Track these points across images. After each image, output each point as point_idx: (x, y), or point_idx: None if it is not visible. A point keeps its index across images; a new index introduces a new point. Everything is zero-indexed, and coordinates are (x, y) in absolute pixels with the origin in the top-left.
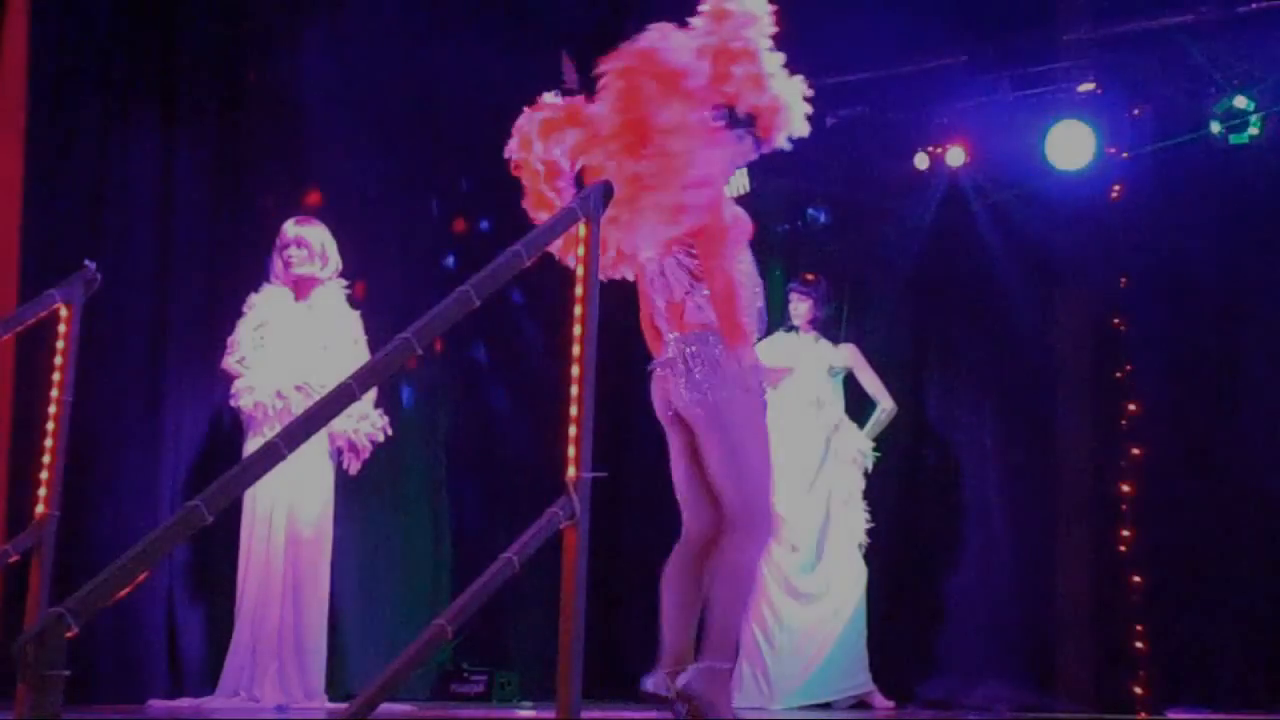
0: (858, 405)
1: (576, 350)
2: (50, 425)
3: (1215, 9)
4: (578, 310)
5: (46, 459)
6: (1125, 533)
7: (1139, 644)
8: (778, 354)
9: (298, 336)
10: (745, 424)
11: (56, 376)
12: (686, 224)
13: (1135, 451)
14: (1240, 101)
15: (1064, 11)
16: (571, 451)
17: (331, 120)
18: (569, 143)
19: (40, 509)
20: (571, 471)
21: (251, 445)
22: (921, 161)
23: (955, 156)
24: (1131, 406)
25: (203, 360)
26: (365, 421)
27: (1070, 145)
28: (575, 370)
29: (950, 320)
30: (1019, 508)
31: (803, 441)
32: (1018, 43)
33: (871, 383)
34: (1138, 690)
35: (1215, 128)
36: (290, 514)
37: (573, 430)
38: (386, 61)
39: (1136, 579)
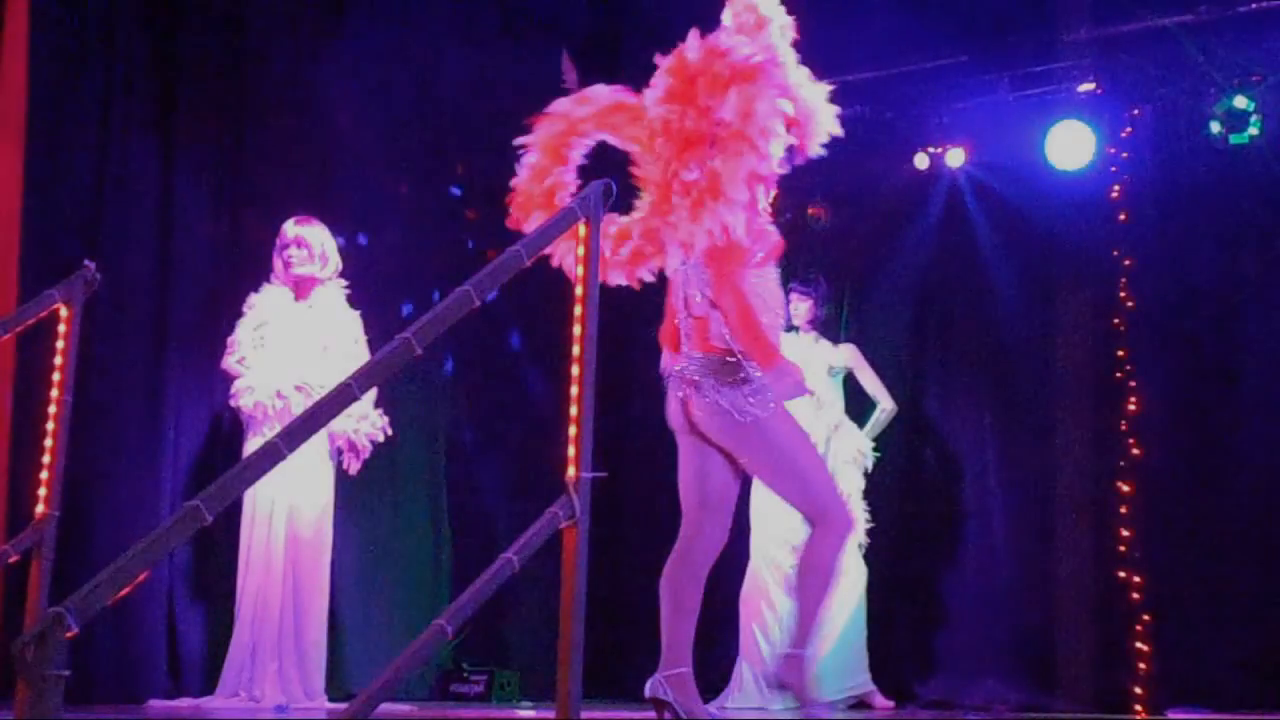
0: (858, 405)
1: (576, 350)
2: (50, 425)
3: (1215, 9)
4: (578, 310)
5: (46, 459)
6: (1125, 533)
7: (1139, 644)
8: None
9: (298, 336)
10: (780, 431)
11: (56, 376)
12: (741, 220)
13: (1135, 451)
14: (1240, 101)
15: (1064, 11)
16: (571, 451)
17: (332, 120)
18: (631, 136)
19: (40, 509)
20: (571, 471)
21: (251, 445)
22: (921, 161)
23: (955, 156)
24: (1131, 406)
25: (203, 360)
26: (365, 421)
27: (1070, 145)
28: (575, 370)
29: (950, 320)
30: (1019, 508)
31: None
32: (1018, 43)
33: (871, 383)
34: (1138, 690)
35: (1215, 128)
36: (290, 514)
37: (573, 430)
38: (387, 61)
39: (1136, 579)
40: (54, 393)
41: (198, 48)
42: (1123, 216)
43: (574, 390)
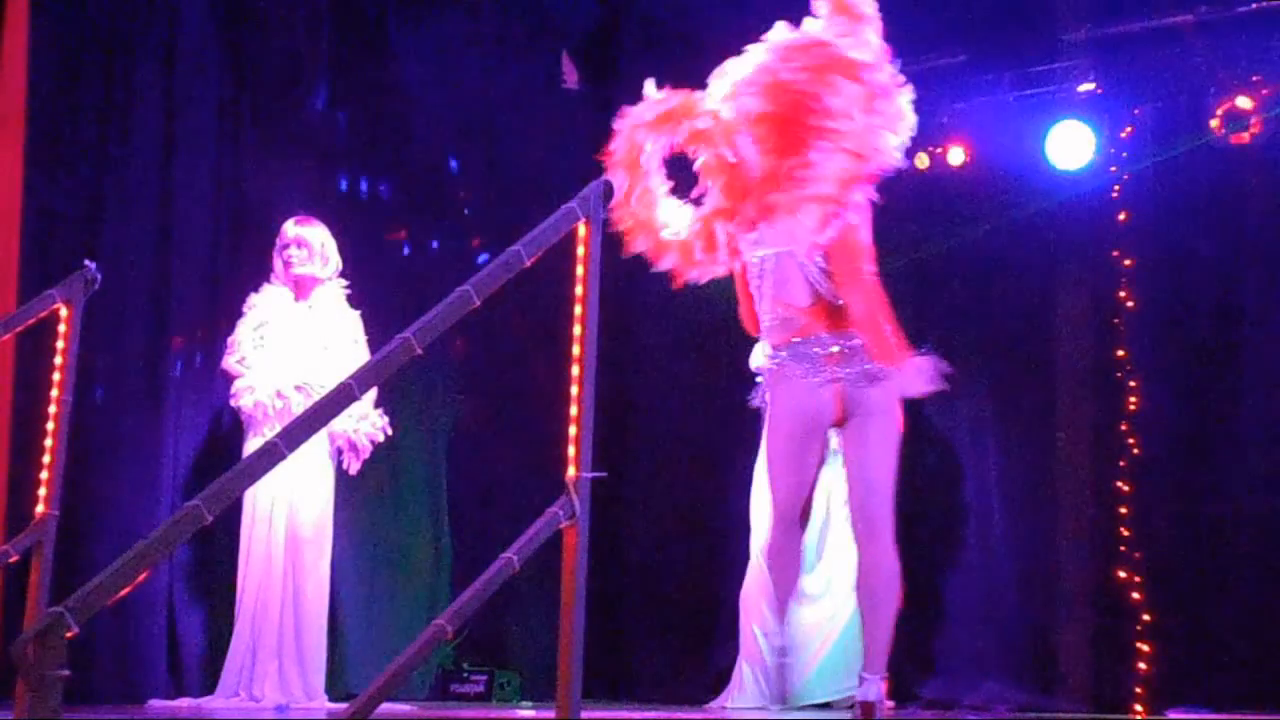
0: None
1: (576, 350)
2: (50, 425)
3: (1215, 9)
4: (578, 310)
5: (46, 459)
6: (1125, 532)
7: (1139, 644)
8: None
9: (298, 336)
10: (890, 422)
11: (56, 376)
12: (838, 222)
13: (1135, 451)
14: (1240, 101)
15: (1064, 11)
16: (571, 451)
17: (332, 120)
18: (697, 134)
19: (40, 509)
20: (571, 471)
21: (251, 445)
22: (921, 161)
23: (955, 156)
24: (1131, 406)
25: (203, 360)
26: (365, 421)
27: (1070, 145)
28: (575, 370)
29: (950, 320)
30: (1019, 507)
31: None
32: (1018, 43)
33: None
34: (1138, 690)
35: (1215, 127)
36: (290, 514)
37: (573, 430)
38: (387, 62)
39: (1136, 579)
40: (54, 393)
41: (198, 47)
42: (1123, 216)
43: (574, 390)
